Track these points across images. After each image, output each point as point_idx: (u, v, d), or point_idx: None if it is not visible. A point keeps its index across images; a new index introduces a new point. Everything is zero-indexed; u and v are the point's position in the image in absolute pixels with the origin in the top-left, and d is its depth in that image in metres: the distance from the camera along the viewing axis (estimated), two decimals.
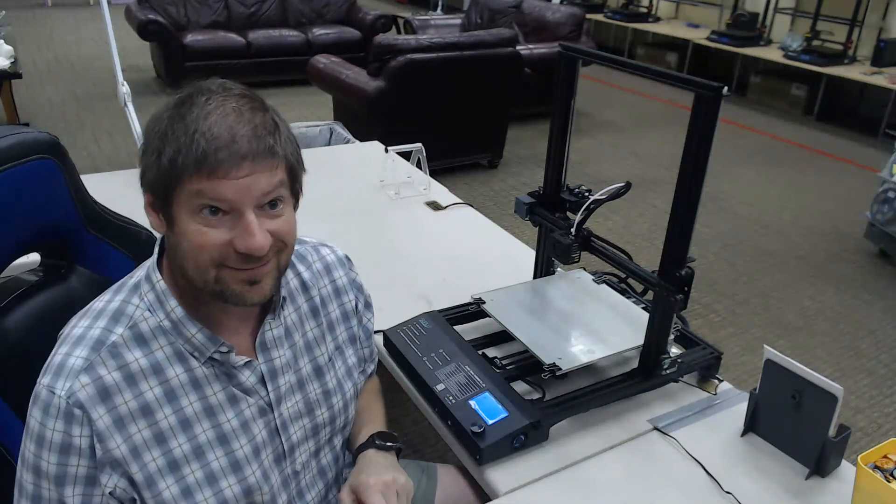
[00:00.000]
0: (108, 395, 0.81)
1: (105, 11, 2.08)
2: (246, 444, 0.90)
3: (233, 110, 0.78)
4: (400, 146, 2.23)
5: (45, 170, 1.04)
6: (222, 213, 0.79)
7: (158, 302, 0.86)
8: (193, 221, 0.79)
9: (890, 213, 3.47)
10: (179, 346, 0.86)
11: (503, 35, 4.32)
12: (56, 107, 5.40)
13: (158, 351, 0.85)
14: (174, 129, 0.78)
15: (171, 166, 0.77)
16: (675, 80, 1.17)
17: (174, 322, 0.85)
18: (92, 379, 0.81)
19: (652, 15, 7.83)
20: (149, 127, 0.81)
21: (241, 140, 0.77)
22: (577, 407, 1.23)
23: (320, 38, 6.46)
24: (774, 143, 5.61)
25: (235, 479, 0.89)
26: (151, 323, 0.85)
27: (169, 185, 0.78)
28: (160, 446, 0.84)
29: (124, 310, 0.85)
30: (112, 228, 1.18)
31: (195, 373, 0.87)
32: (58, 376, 0.80)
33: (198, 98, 0.79)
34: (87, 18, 8.71)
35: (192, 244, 0.80)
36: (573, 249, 1.35)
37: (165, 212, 0.82)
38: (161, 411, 0.84)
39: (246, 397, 0.90)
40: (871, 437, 2.45)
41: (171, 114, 0.79)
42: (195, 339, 0.86)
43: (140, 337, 0.84)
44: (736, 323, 3.10)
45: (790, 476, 1.16)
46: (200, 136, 0.76)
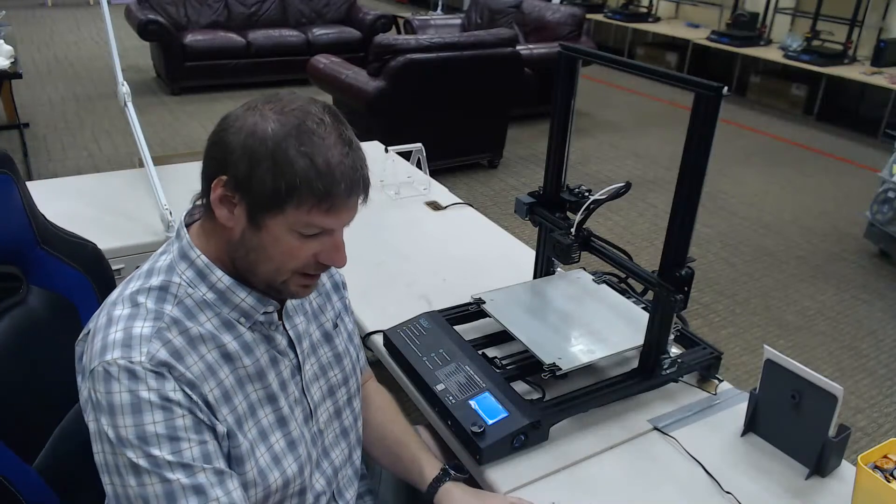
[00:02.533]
0: (179, 356, 0.85)
1: (105, 11, 2.08)
2: (285, 403, 0.96)
3: (343, 143, 0.84)
4: (400, 146, 2.23)
5: (4, 185, 1.01)
6: (319, 233, 0.87)
7: (200, 276, 0.90)
8: (291, 236, 0.85)
9: (890, 213, 3.47)
10: (225, 316, 0.90)
11: (503, 35, 4.32)
12: (56, 107, 5.39)
13: (207, 323, 0.89)
14: (295, 157, 0.81)
15: (288, 192, 0.82)
16: (675, 80, 1.17)
17: (220, 291, 0.90)
18: (163, 342, 0.84)
19: (652, 15, 7.83)
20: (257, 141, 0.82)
21: (358, 180, 0.85)
22: (577, 407, 1.23)
23: (320, 38, 6.45)
24: (774, 143, 5.61)
25: (281, 433, 0.95)
26: (196, 297, 0.89)
27: (278, 204, 0.83)
28: (227, 405, 0.89)
29: (168, 287, 0.89)
30: (61, 243, 1.15)
31: (244, 338, 0.92)
32: (129, 347, 0.82)
33: (316, 127, 0.83)
34: (87, 18, 8.71)
35: (281, 253, 0.86)
36: (573, 249, 1.35)
37: (254, 216, 0.85)
38: (222, 371, 0.89)
39: (283, 358, 0.97)
40: (871, 437, 2.45)
41: (289, 138, 0.81)
42: (245, 303, 0.91)
43: (188, 312, 0.88)
44: (736, 323, 3.10)
45: (790, 476, 1.16)
46: (326, 176, 0.82)
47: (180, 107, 5.63)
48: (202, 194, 0.89)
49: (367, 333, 1.46)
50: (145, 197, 1.96)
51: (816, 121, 6.15)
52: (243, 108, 0.86)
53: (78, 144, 4.67)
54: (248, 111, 0.84)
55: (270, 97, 0.86)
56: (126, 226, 1.84)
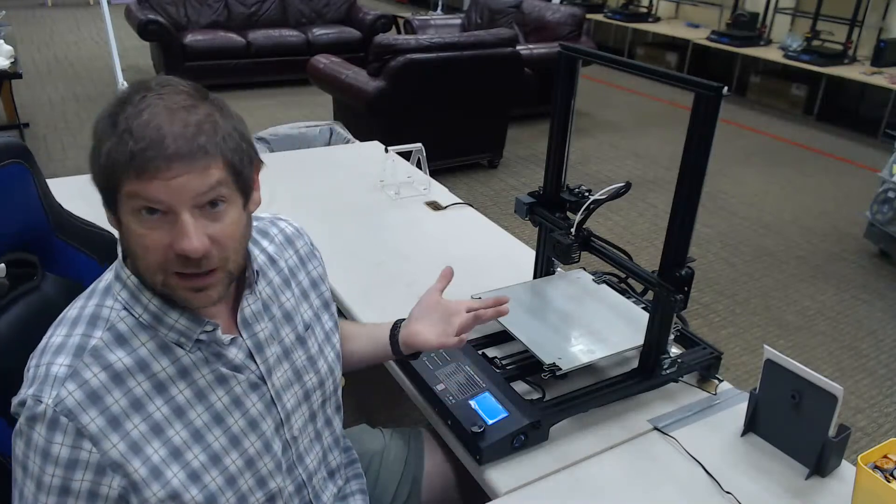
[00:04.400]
0: (97, 397, 0.81)
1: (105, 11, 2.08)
2: (240, 419, 0.91)
3: (165, 109, 0.77)
4: (400, 146, 2.23)
5: (18, 174, 1.02)
6: (161, 214, 0.78)
7: (133, 298, 0.85)
8: (134, 222, 0.78)
9: (890, 213, 3.47)
10: (162, 338, 0.85)
11: (503, 35, 4.32)
12: (56, 107, 5.40)
13: (141, 348, 0.84)
14: (108, 128, 0.77)
15: (105, 166, 0.77)
16: (675, 80, 1.17)
17: (153, 314, 0.85)
18: (79, 384, 0.80)
19: (652, 15, 7.83)
20: (93, 126, 0.80)
21: (169, 139, 0.75)
22: (577, 407, 1.23)
23: (320, 38, 6.46)
24: (774, 143, 5.61)
25: (237, 453, 0.90)
26: (129, 322, 0.85)
27: (108, 184, 0.78)
28: (159, 437, 0.84)
29: (99, 313, 0.85)
30: (77, 232, 1.16)
31: (182, 362, 0.87)
32: (43, 385, 0.80)
33: (134, 97, 0.78)
34: (87, 18, 8.71)
35: (137, 245, 0.80)
36: (573, 249, 1.35)
37: (113, 211, 0.81)
38: (153, 403, 0.84)
39: (235, 374, 0.91)
40: (871, 437, 2.45)
41: (109, 111, 0.78)
42: (179, 325, 0.86)
43: (120, 337, 0.84)
44: (736, 323, 3.10)
45: (790, 476, 1.16)
46: (129, 136, 0.75)
47: None
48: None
49: None
50: None
51: (816, 121, 6.15)
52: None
53: (78, 144, 4.67)
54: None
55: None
56: None
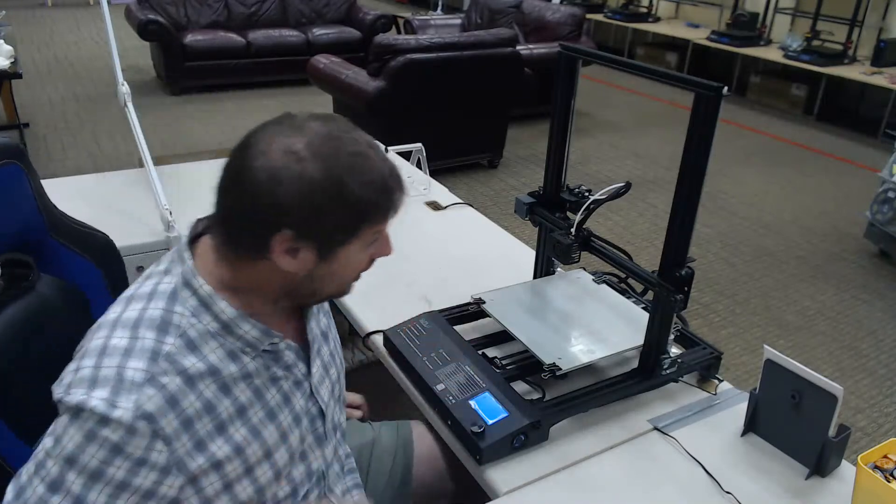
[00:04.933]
0: (175, 401, 0.83)
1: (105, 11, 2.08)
2: (288, 415, 0.95)
3: (374, 149, 0.87)
4: (400, 146, 2.23)
5: (13, 175, 1.02)
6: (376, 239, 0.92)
7: (203, 306, 0.87)
8: (360, 251, 0.90)
9: (890, 213, 3.47)
10: (230, 346, 0.88)
11: (503, 35, 4.32)
12: (56, 107, 5.40)
13: (210, 354, 0.87)
14: (357, 188, 0.83)
15: (360, 220, 0.86)
16: (675, 80, 1.18)
17: (224, 323, 0.87)
18: (157, 389, 0.81)
19: (652, 15, 7.83)
20: (315, 189, 0.81)
21: (399, 176, 0.89)
22: (577, 407, 1.23)
23: (320, 38, 6.45)
24: (774, 143, 5.61)
25: (284, 448, 0.95)
26: (199, 329, 0.86)
27: (353, 234, 0.86)
28: (222, 435, 0.87)
29: (170, 319, 0.85)
30: (71, 233, 1.15)
31: (247, 367, 0.90)
32: (118, 389, 0.80)
33: (354, 149, 0.84)
34: (87, 18, 8.71)
35: (350, 269, 0.92)
36: (573, 249, 1.35)
37: (326, 253, 0.86)
38: (221, 404, 0.87)
39: (286, 374, 0.95)
40: (871, 437, 2.45)
41: (343, 174, 0.82)
42: (249, 335, 0.89)
43: (191, 343, 0.86)
44: (736, 323, 3.10)
45: (790, 476, 1.16)
46: (386, 190, 0.87)
47: (180, 107, 5.63)
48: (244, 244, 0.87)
49: (367, 333, 1.46)
50: (145, 197, 1.96)
51: (816, 121, 6.15)
52: (268, 156, 0.81)
53: (78, 144, 4.67)
54: (283, 158, 0.81)
55: (280, 131, 0.83)
56: (126, 226, 1.83)
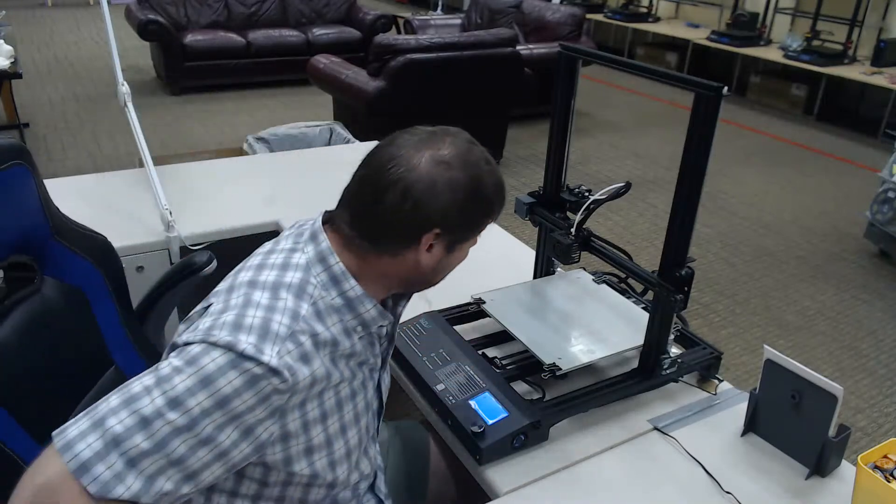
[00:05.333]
0: (306, 360, 0.88)
1: (105, 11, 2.08)
2: (361, 401, 1.01)
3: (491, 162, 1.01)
4: None
5: (20, 176, 1.01)
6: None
7: (333, 282, 0.94)
8: (469, 246, 1.03)
9: (890, 213, 3.47)
10: (347, 324, 0.94)
11: (503, 35, 4.32)
12: (56, 107, 5.40)
13: (333, 326, 0.93)
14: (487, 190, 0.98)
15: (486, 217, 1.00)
16: (675, 80, 1.18)
17: (349, 300, 0.94)
18: (297, 345, 0.87)
19: (652, 15, 7.83)
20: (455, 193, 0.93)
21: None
22: (577, 407, 1.23)
23: (320, 38, 6.45)
24: (774, 143, 5.61)
25: (356, 430, 1.00)
26: (326, 301, 0.93)
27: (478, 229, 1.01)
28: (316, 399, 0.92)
29: (305, 288, 0.92)
30: (73, 235, 1.15)
31: (355, 346, 0.96)
32: (263, 339, 0.84)
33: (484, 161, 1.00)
34: (87, 18, 8.71)
35: (458, 262, 1.02)
36: (573, 249, 1.35)
37: (453, 246, 0.98)
38: (332, 375, 0.92)
39: (371, 362, 1.02)
40: (871, 437, 2.45)
41: (478, 181, 0.96)
42: (368, 314, 0.96)
43: (320, 314, 0.92)
44: (736, 323, 3.10)
45: (790, 476, 1.16)
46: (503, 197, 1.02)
47: (180, 107, 5.63)
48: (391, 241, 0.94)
49: None
50: (145, 197, 1.96)
51: (816, 121, 6.15)
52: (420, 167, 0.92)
53: (78, 144, 4.67)
54: (436, 168, 0.92)
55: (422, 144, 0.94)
56: (126, 225, 1.84)
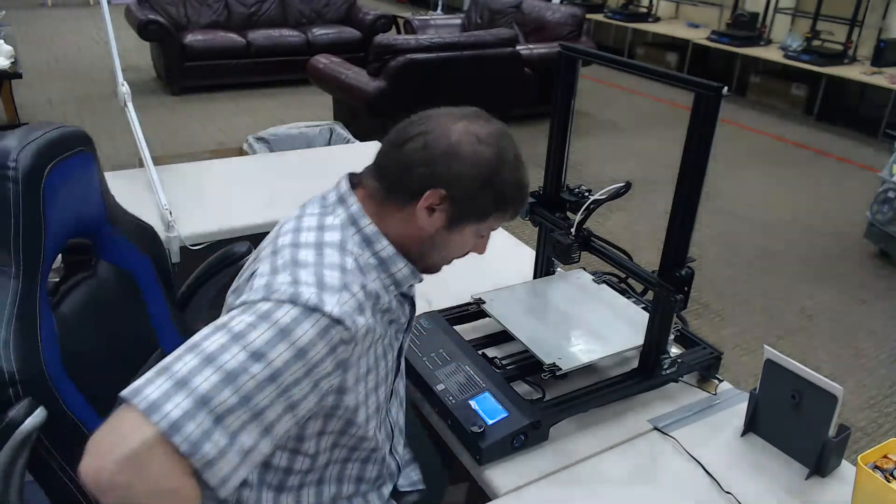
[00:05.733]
0: (361, 309, 0.90)
1: (105, 11, 2.08)
2: (390, 360, 1.05)
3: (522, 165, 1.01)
4: None
5: (86, 163, 1.07)
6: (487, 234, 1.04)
7: (366, 242, 0.98)
8: (472, 236, 1.02)
9: (890, 213, 3.47)
10: (383, 281, 0.99)
11: (503, 35, 4.33)
12: (56, 107, 5.40)
13: (374, 281, 0.96)
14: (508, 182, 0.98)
15: (496, 207, 0.99)
16: (675, 80, 1.18)
17: (382, 259, 0.98)
18: (351, 295, 0.89)
19: (652, 15, 7.83)
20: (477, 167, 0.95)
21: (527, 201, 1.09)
22: (577, 407, 1.23)
23: (320, 38, 6.45)
24: (774, 143, 5.61)
25: (384, 388, 1.04)
26: (364, 259, 0.97)
27: (484, 217, 0.99)
28: (366, 357, 0.95)
29: (345, 245, 0.95)
30: (126, 223, 1.23)
31: (390, 304, 1.00)
32: (323, 290, 0.86)
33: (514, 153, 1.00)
34: (87, 18, 8.72)
35: (459, 248, 1.03)
36: (573, 249, 1.35)
37: (454, 222, 0.98)
38: (379, 327, 0.96)
39: (396, 321, 1.05)
40: (871, 437, 2.45)
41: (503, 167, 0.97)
42: (400, 273, 1.00)
43: (362, 269, 0.95)
44: (736, 323, 3.10)
45: (790, 476, 1.16)
46: (522, 196, 1.02)
47: (180, 107, 5.63)
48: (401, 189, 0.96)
49: None
50: (145, 197, 1.96)
51: (816, 121, 6.15)
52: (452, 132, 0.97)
53: None
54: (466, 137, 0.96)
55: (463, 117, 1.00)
56: None
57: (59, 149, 1.00)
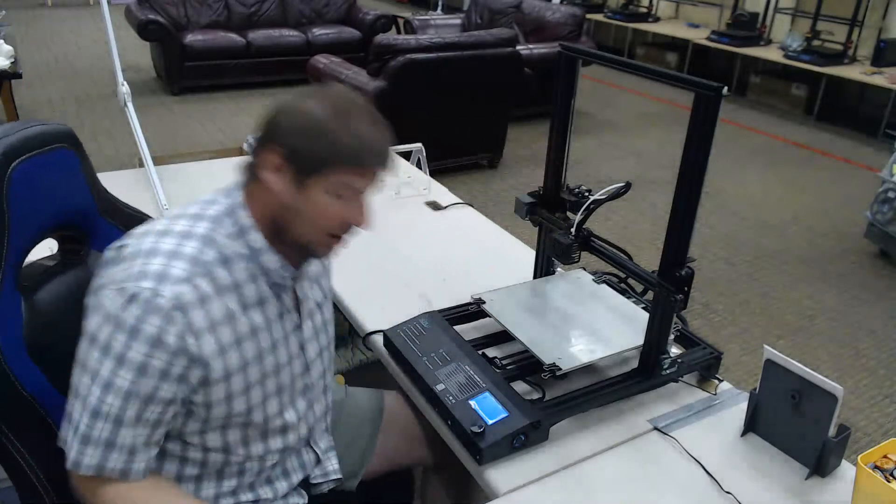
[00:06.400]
0: (204, 301, 0.95)
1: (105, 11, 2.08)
2: (284, 353, 1.08)
3: (381, 125, 1.00)
4: (400, 146, 2.23)
5: (64, 159, 1.13)
6: (351, 197, 1.00)
7: (240, 234, 1.02)
8: (328, 196, 0.98)
9: (890, 213, 3.47)
10: (253, 270, 1.02)
11: (503, 35, 4.32)
12: (56, 107, 5.40)
13: (238, 273, 1.00)
14: (341, 129, 0.96)
15: (332, 158, 0.96)
16: (675, 80, 1.18)
17: (254, 250, 1.02)
18: (193, 286, 0.94)
19: (652, 15, 7.83)
20: (307, 117, 0.97)
21: (388, 152, 1.01)
22: (577, 407, 1.23)
23: (320, 38, 6.45)
24: (774, 143, 5.61)
25: (276, 380, 1.07)
26: (233, 249, 1.01)
27: (323, 167, 0.96)
28: (237, 348, 1.00)
29: (213, 237, 0.99)
30: (121, 215, 1.27)
31: (262, 292, 1.04)
32: (162, 281, 0.93)
33: (354, 109, 0.99)
34: (87, 18, 8.71)
35: (317, 213, 0.99)
36: (573, 249, 1.35)
37: (300, 180, 0.97)
38: (241, 319, 1.00)
39: (288, 315, 1.09)
40: (871, 437, 2.45)
41: (336, 116, 0.97)
42: (269, 264, 1.03)
43: (225, 260, 0.99)
44: (736, 323, 3.10)
45: (790, 476, 1.16)
46: (365, 145, 0.97)
47: (180, 107, 5.63)
48: (251, 164, 1.03)
49: (367, 333, 1.46)
50: (145, 197, 1.96)
51: (816, 121, 6.15)
52: (291, 97, 1.00)
53: None
54: (296, 99, 0.99)
55: (313, 88, 1.02)
56: None
57: (32, 145, 1.05)
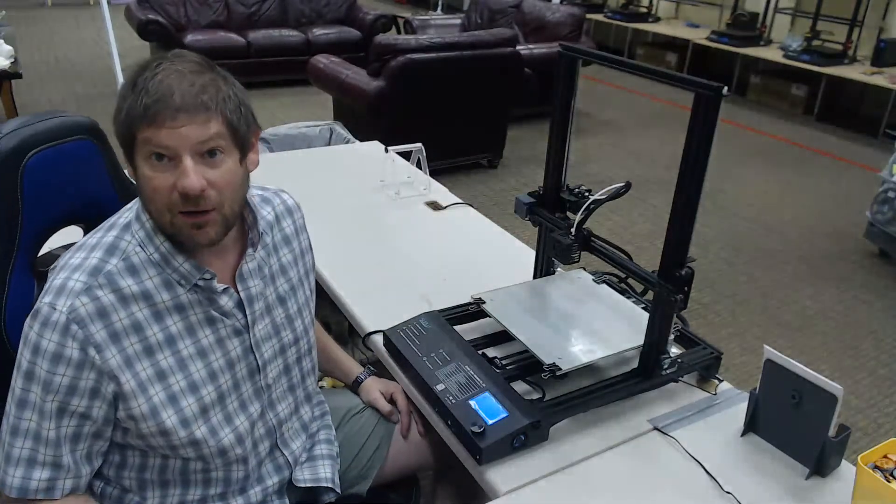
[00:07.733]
0: (104, 312, 0.94)
1: (105, 11, 2.08)
2: (220, 358, 1.05)
3: (176, 72, 0.91)
4: (400, 146, 2.23)
5: (83, 149, 1.17)
6: (167, 160, 0.91)
7: (148, 238, 0.99)
8: (147, 167, 0.92)
9: (890, 213, 3.47)
10: (167, 276, 0.99)
11: (503, 35, 4.32)
12: (56, 107, 5.39)
13: (148, 280, 0.98)
14: (128, 90, 0.91)
15: (124, 120, 0.91)
16: (675, 80, 1.17)
17: (163, 254, 0.99)
18: (91, 299, 0.93)
19: (652, 15, 7.83)
20: (118, 93, 0.95)
21: (177, 95, 0.89)
22: (577, 407, 1.23)
23: (320, 38, 6.46)
24: (774, 143, 5.61)
25: (213, 387, 1.04)
26: (142, 257, 0.98)
27: (126, 135, 0.92)
28: (149, 358, 0.98)
29: (118, 245, 0.98)
30: None
31: (180, 299, 1.01)
32: (59, 295, 0.92)
33: (151, 63, 0.92)
34: (87, 18, 8.71)
35: (148, 187, 0.93)
36: (573, 249, 1.35)
37: (131, 161, 0.94)
38: (150, 328, 0.98)
39: (223, 319, 1.05)
40: (871, 437, 2.45)
41: (130, 77, 0.93)
42: (182, 268, 0.99)
43: (132, 268, 0.97)
44: (736, 323, 3.10)
45: (790, 476, 1.16)
46: (144, 93, 0.89)
47: None
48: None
49: (367, 333, 1.46)
50: None
51: (816, 121, 6.15)
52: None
53: None
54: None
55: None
56: None
57: (51, 135, 1.09)
